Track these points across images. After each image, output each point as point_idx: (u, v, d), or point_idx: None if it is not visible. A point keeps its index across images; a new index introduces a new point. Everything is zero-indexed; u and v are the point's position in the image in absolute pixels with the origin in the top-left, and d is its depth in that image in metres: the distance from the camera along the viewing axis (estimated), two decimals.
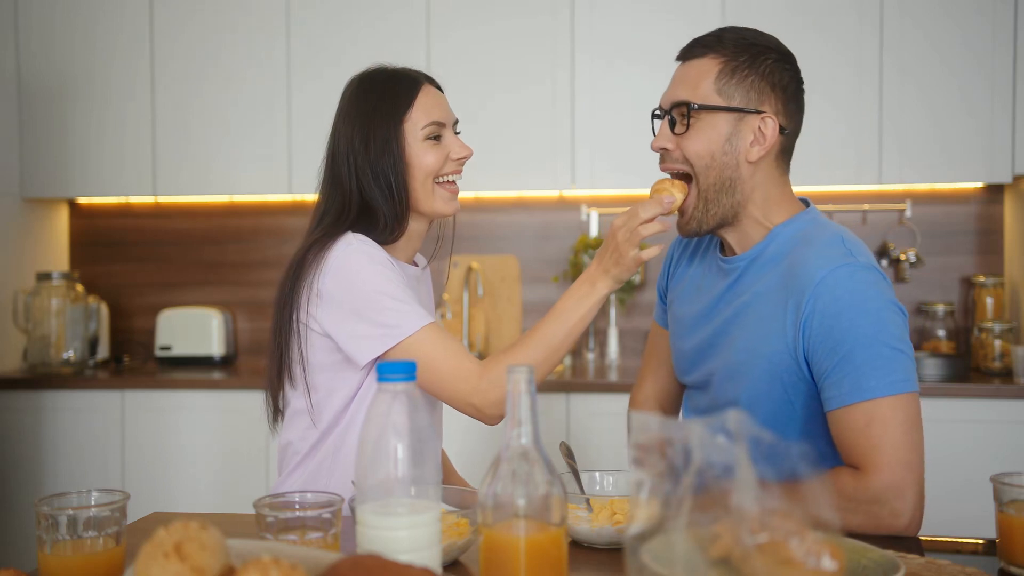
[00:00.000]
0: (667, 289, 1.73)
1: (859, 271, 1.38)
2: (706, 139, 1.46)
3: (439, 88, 1.65)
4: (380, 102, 1.59)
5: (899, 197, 3.39)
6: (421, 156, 1.58)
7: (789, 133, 1.49)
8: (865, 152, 3.13)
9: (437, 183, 1.60)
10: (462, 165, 1.63)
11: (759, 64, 1.46)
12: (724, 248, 1.57)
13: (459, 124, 1.66)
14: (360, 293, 1.49)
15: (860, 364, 1.33)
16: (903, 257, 3.34)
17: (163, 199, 3.72)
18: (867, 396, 1.33)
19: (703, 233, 1.51)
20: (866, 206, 3.41)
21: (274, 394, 1.64)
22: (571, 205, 3.60)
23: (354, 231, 1.56)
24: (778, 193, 1.50)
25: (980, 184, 3.34)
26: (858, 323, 1.35)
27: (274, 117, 3.42)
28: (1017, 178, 3.15)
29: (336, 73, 3.37)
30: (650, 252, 1.49)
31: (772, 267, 1.47)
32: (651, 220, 1.47)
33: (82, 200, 3.80)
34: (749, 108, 1.45)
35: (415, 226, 1.64)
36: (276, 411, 1.65)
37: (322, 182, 1.66)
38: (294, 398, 1.61)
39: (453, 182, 1.63)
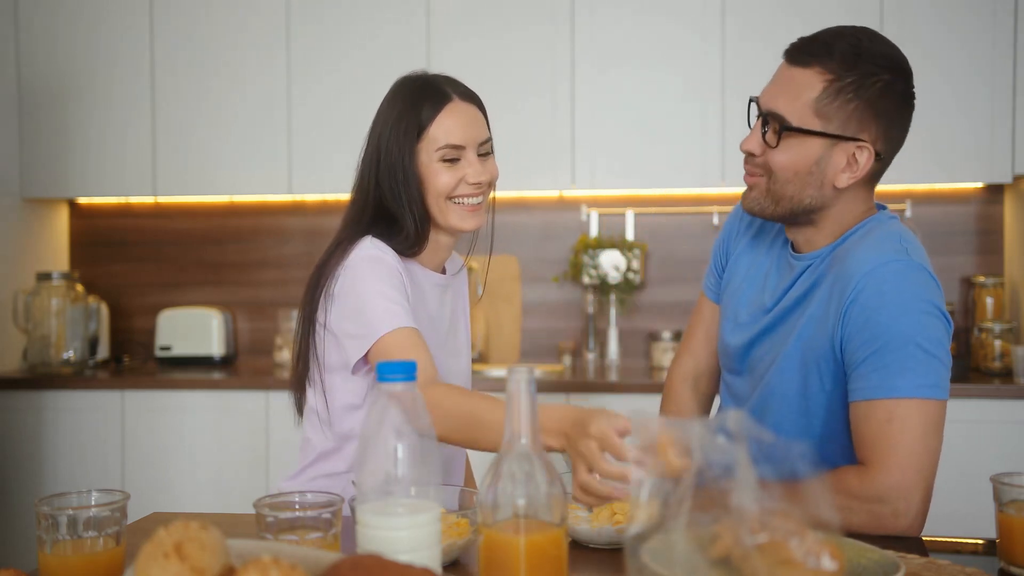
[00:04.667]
0: (725, 262, 1.66)
1: (911, 269, 1.35)
2: (794, 158, 1.40)
3: (473, 101, 1.59)
4: (403, 114, 1.56)
5: (899, 197, 3.39)
6: (433, 177, 1.55)
7: (885, 158, 1.43)
8: None
9: (451, 202, 1.57)
10: (479, 189, 1.58)
11: (867, 87, 1.37)
12: (793, 244, 1.53)
13: (491, 142, 1.61)
14: (355, 295, 1.50)
15: (892, 361, 1.32)
16: None
17: (163, 199, 3.72)
18: (893, 394, 1.32)
19: (761, 216, 1.48)
20: None
21: (297, 396, 1.66)
22: (571, 205, 3.60)
23: (376, 235, 1.56)
24: (862, 209, 1.47)
25: (980, 184, 3.34)
26: (899, 320, 1.32)
27: (274, 117, 3.42)
28: (1017, 178, 3.15)
29: (336, 75, 3.39)
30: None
31: (825, 263, 1.45)
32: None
33: (82, 200, 3.80)
34: (846, 135, 1.38)
35: (439, 237, 1.63)
36: (300, 411, 1.67)
37: (354, 188, 1.65)
38: (311, 396, 1.62)
39: (469, 203, 1.58)
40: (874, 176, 1.46)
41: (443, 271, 1.71)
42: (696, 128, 3.23)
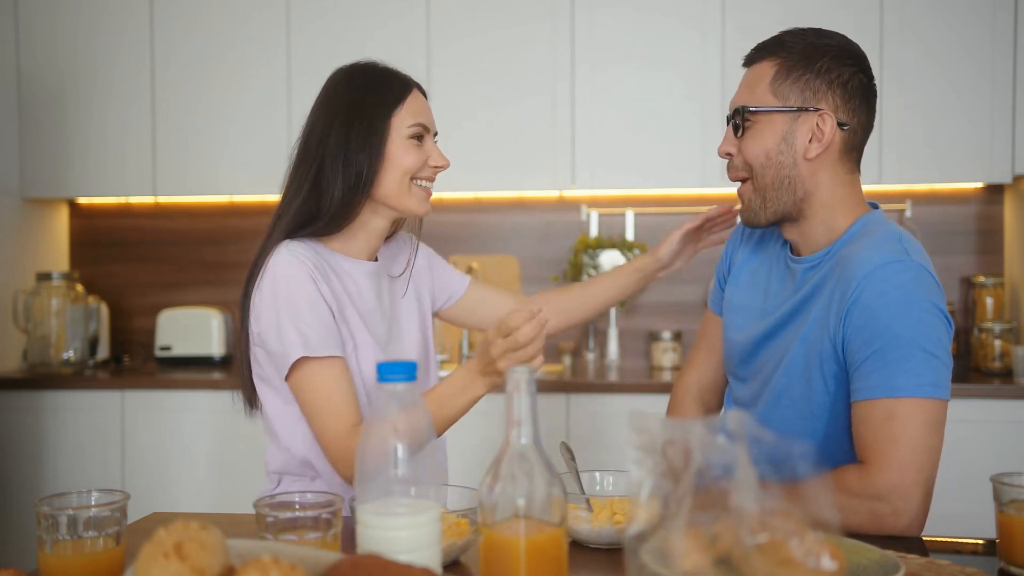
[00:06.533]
0: (728, 275, 1.71)
1: (911, 270, 1.37)
2: (762, 140, 1.47)
3: (426, 97, 1.65)
4: (370, 94, 1.57)
5: (899, 197, 3.39)
6: (402, 154, 1.56)
7: (852, 129, 1.47)
8: (865, 152, 3.12)
9: (413, 183, 1.59)
10: (436, 173, 1.63)
11: (815, 62, 1.45)
12: (792, 247, 1.56)
13: (439, 135, 1.66)
14: (272, 315, 1.49)
15: (892, 361, 1.33)
16: None
17: (163, 199, 3.72)
18: (893, 393, 1.32)
19: (762, 225, 1.52)
20: None
21: (244, 396, 1.65)
22: (571, 205, 3.60)
23: (297, 221, 1.56)
24: (845, 193, 1.49)
25: (980, 184, 3.34)
26: (899, 320, 1.34)
27: (274, 117, 3.42)
28: (1017, 178, 3.15)
29: None
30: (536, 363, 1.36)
31: (829, 265, 1.47)
32: (528, 344, 1.34)
33: (82, 200, 3.80)
34: (804, 107, 1.45)
35: (376, 221, 1.62)
36: (251, 404, 1.65)
37: (288, 170, 1.63)
38: (263, 417, 1.62)
39: (427, 187, 1.62)
40: (847, 150, 1.49)
41: (375, 259, 1.68)
42: (696, 128, 3.23)
